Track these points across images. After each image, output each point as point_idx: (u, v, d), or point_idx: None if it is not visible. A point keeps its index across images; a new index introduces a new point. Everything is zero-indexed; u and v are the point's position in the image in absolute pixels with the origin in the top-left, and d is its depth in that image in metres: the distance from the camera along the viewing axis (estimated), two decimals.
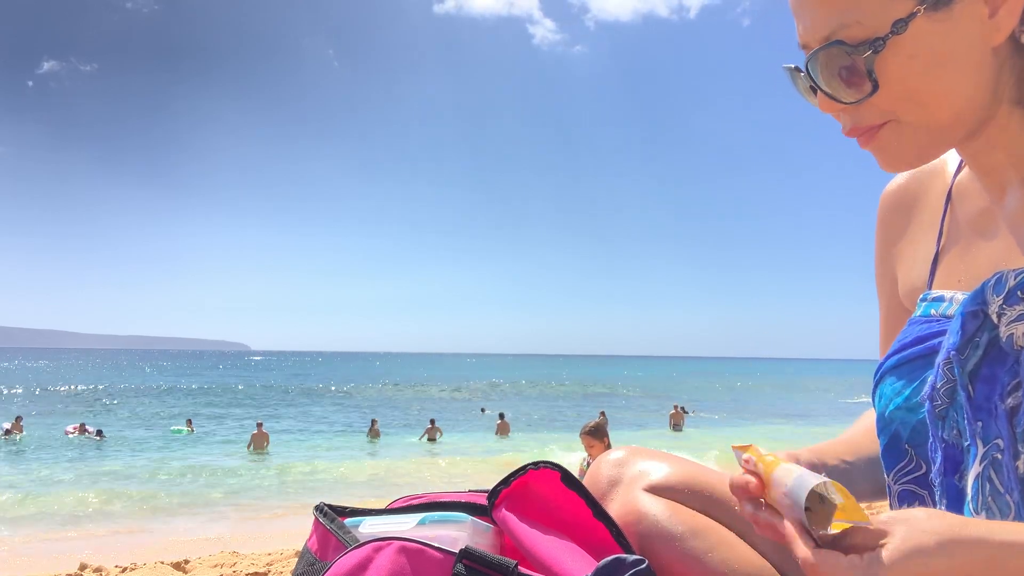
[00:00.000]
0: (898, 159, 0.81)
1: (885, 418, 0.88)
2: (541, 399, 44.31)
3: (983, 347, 0.73)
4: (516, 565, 0.67)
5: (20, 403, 34.71)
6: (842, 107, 0.80)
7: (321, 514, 0.85)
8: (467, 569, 0.68)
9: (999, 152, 0.81)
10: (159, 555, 7.31)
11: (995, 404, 0.72)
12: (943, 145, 0.80)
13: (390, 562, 0.69)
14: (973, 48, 0.75)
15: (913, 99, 0.76)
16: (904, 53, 0.74)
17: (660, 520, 0.96)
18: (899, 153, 0.80)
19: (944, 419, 0.78)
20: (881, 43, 0.74)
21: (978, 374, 0.74)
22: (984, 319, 0.75)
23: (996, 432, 0.71)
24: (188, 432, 24.59)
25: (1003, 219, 0.83)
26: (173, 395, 43.59)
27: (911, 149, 0.80)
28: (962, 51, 0.74)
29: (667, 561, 0.93)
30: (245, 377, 71.22)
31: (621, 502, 1.00)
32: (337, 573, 0.72)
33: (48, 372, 76.21)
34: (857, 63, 0.75)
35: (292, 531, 10.15)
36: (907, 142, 0.79)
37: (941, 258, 0.92)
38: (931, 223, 0.95)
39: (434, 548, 0.70)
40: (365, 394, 47.19)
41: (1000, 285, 0.75)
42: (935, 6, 0.73)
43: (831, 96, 0.80)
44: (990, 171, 0.84)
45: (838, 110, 0.81)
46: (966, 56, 0.75)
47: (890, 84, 0.76)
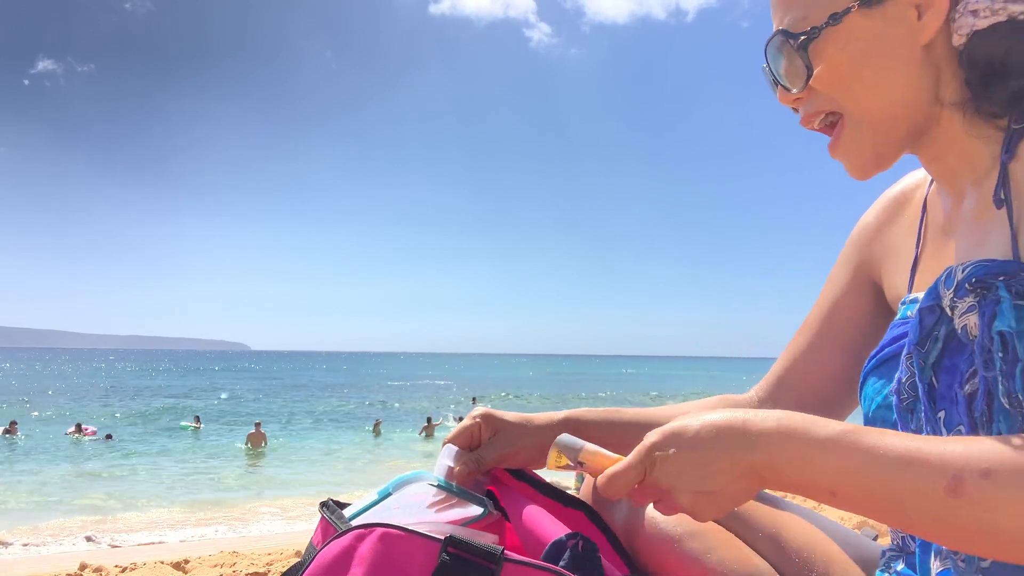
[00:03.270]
0: (861, 162, 0.87)
1: (869, 418, 0.92)
2: (541, 402, 44.34)
3: (942, 340, 0.76)
4: (503, 551, 0.65)
5: (20, 402, 34.70)
6: (794, 97, 0.87)
7: (326, 508, 0.84)
8: (452, 557, 0.65)
9: (950, 156, 0.85)
10: (159, 555, 7.29)
11: (956, 392, 0.73)
12: (894, 143, 0.85)
13: (371, 550, 0.67)
14: (902, 45, 0.81)
15: (846, 86, 0.83)
16: (838, 44, 0.82)
17: (659, 521, 0.97)
18: (859, 155, 0.86)
19: (912, 411, 0.80)
20: (817, 31, 0.82)
21: (940, 365, 0.76)
22: (940, 313, 0.79)
23: (958, 419, 0.73)
24: (195, 428, 24.69)
25: (962, 221, 0.87)
26: (173, 396, 43.60)
27: (868, 149, 0.85)
28: (892, 47, 0.81)
29: (666, 563, 0.94)
30: (245, 377, 71.27)
31: (620, 505, 1.01)
32: (321, 563, 0.70)
33: (48, 372, 76.24)
34: (796, 50, 0.84)
35: (292, 531, 10.15)
36: (861, 143, 0.85)
37: (919, 263, 0.96)
38: (911, 230, 0.99)
39: (418, 535, 0.67)
40: (365, 393, 47.23)
41: (950, 280, 0.79)
42: (868, 4, 0.81)
43: (780, 83, 0.88)
44: (947, 176, 0.87)
45: (791, 100, 0.88)
46: (896, 52, 0.81)
47: (824, 70, 0.83)
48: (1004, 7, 0.76)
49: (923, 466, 0.65)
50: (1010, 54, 0.77)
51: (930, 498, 0.64)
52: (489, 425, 1.06)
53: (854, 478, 0.67)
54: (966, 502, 0.63)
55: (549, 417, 1.09)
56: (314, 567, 0.70)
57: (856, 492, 0.67)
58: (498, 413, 1.08)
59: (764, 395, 1.14)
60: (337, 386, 55.35)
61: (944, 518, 0.64)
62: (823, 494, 0.69)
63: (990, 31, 0.77)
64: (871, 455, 0.67)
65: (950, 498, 0.63)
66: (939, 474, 0.64)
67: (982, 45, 0.78)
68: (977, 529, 0.63)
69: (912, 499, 0.65)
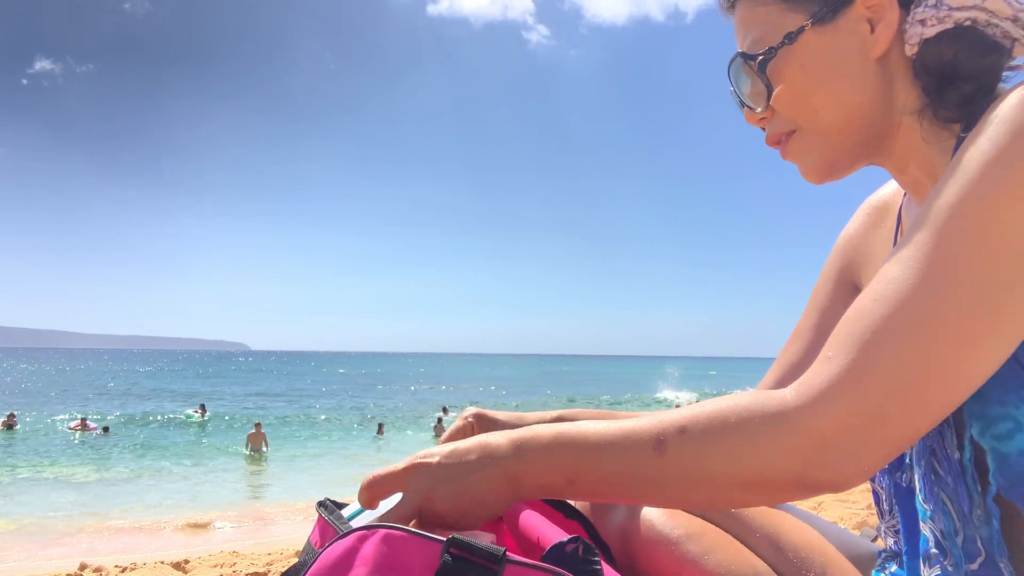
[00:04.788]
0: (810, 167, 0.89)
1: None
2: (540, 402, 44.31)
3: None
4: (504, 552, 0.65)
5: (19, 401, 34.68)
6: (759, 117, 0.90)
7: (323, 508, 0.84)
8: (454, 558, 0.66)
9: (912, 166, 0.87)
10: (159, 555, 7.29)
11: None
12: (844, 152, 0.87)
13: (374, 551, 0.67)
14: (856, 59, 0.83)
15: (805, 103, 0.85)
16: (795, 62, 0.84)
17: (656, 524, 0.97)
18: (809, 161, 0.88)
19: None
20: (773, 51, 0.85)
21: None
22: None
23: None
24: (200, 417, 24.62)
25: None
26: (174, 396, 43.57)
27: (816, 155, 0.87)
28: (847, 61, 0.83)
29: (664, 565, 0.94)
30: (245, 377, 71.22)
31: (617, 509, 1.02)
32: (323, 563, 0.70)
33: (48, 372, 76.18)
34: (755, 71, 0.87)
35: (292, 531, 10.15)
36: (810, 148, 0.87)
37: None
38: (889, 238, 1.01)
39: (421, 536, 0.68)
40: (366, 394, 47.18)
41: None
42: (822, 21, 0.83)
43: (744, 103, 0.91)
44: (913, 186, 0.89)
45: (757, 120, 0.91)
46: (851, 66, 0.83)
47: (783, 89, 0.86)
48: (949, 15, 0.79)
49: (632, 436, 0.73)
50: (958, 59, 0.79)
51: (644, 462, 0.72)
52: (481, 425, 1.07)
53: (582, 465, 0.75)
54: (671, 459, 0.71)
55: (541, 416, 1.10)
56: (317, 568, 0.70)
57: (589, 476, 0.75)
58: (490, 413, 1.09)
59: None
60: (338, 386, 55.30)
61: (658, 479, 0.72)
62: (565, 488, 0.76)
63: (938, 39, 0.80)
64: (588, 441, 0.75)
65: (658, 458, 0.72)
66: (646, 439, 0.73)
67: (932, 53, 0.80)
68: (685, 482, 0.72)
69: (632, 468, 0.73)
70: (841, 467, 0.67)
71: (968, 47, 0.79)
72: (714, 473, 0.70)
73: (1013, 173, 0.66)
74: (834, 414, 0.66)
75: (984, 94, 0.79)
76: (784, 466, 0.68)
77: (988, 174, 0.67)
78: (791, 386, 0.70)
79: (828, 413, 0.66)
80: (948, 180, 0.70)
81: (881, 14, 0.82)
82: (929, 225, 0.69)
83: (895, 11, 0.82)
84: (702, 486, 0.71)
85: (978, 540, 0.76)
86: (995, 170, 0.67)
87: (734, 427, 0.70)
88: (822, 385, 0.68)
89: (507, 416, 1.09)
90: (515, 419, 1.09)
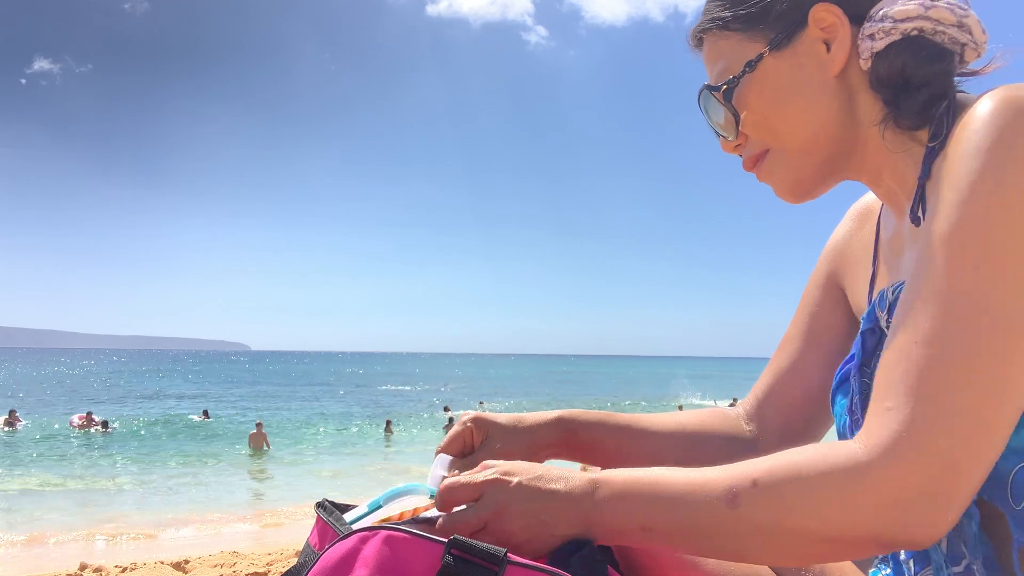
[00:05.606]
0: (782, 187, 0.92)
1: (840, 435, 0.94)
2: (540, 403, 44.33)
3: None
4: (506, 553, 0.66)
5: (20, 401, 34.70)
6: (734, 145, 0.94)
7: (322, 509, 0.84)
8: (456, 559, 0.66)
9: (885, 177, 0.89)
10: (159, 555, 7.30)
11: None
12: (813, 170, 0.90)
13: (376, 552, 0.68)
14: (816, 79, 0.87)
15: (770, 126, 0.89)
16: (756, 88, 0.89)
17: None
18: (780, 180, 0.92)
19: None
20: (736, 80, 0.90)
21: None
22: (880, 334, 0.86)
23: None
24: (201, 419, 24.77)
25: (903, 239, 0.91)
26: (174, 396, 43.59)
27: (787, 174, 0.91)
28: (806, 82, 0.87)
29: (664, 566, 0.94)
30: (245, 377, 71.25)
31: None
32: (325, 565, 0.70)
33: (47, 372, 76.22)
34: (721, 102, 0.92)
35: (292, 531, 10.15)
36: (780, 168, 0.91)
37: (875, 279, 1.00)
38: (871, 245, 1.03)
39: (422, 537, 0.68)
40: (366, 393, 47.20)
41: (883, 301, 0.86)
42: (778, 47, 0.88)
43: (717, 132, 0.95)
44: (888, 196, 0.91)
45: (732, 148, 0.95)
46: (811, 86, 0.87)
47: (748, 115, 0.90)
48: (895, 27, 0.82)
49: (704, 487, 0.73)
50: (907, 68, 0.82)
51: (717, 515, 0.71)
52: (480, 428, 1.06)
53: (656, 516, 0.75)
54: (743, 512, 0.70)
55: (540, 416, 1.09)
56: (318, 568, 0.70)
57: (663, 528, 0.74)
58: (488, 415, 1.08)
59: (751, 410, 1.15)
60: (338, 386, 55.31)
61: (731, 531, 0.71)
62: (639, 534, 0.76)
63: (887, 51, 0.83)
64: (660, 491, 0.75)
65: (730, 510, 0.71)
66: (720, 491, 0.72)
67: (884, 64, 0.83)
68: (759, 537, 0.70)
69: (705, 520, 0.72)
70: (920, 525, 0.66)
71: (916, 56, 0.82)
72: (790, 529, 0.69)
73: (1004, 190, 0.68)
74: (908, 471, 0.65)
75: (939, 99, 0.81)
76: (863, 523, 0.67)
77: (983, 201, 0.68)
78: (857, 438, 0.69)
79: (902, 470, 0.65)
80: (943, 205, 0.71)
81: (834, 33, 0.86)
82: (945, 256, 0.69)
83: (847, 28, 0.85)
84: (776, 541, 0.70)
85: (961, 543, 0.77)
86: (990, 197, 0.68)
87: (808, 482, 0.68)
88: (890, 440, 0.66)
89: (506, 418, 1.09)
90: (514, 420, 1.09)
